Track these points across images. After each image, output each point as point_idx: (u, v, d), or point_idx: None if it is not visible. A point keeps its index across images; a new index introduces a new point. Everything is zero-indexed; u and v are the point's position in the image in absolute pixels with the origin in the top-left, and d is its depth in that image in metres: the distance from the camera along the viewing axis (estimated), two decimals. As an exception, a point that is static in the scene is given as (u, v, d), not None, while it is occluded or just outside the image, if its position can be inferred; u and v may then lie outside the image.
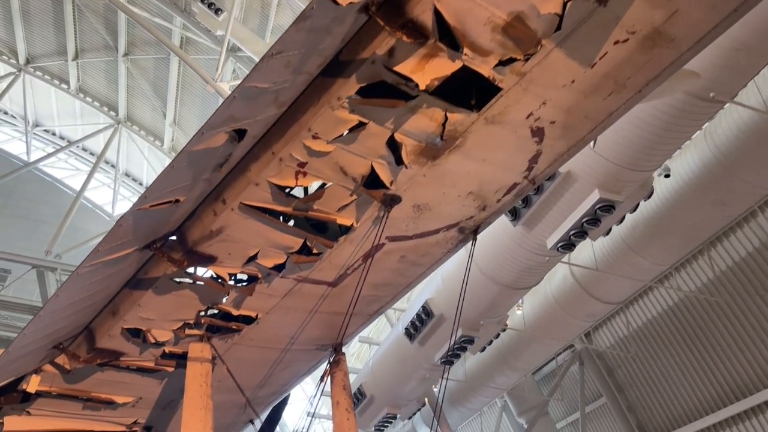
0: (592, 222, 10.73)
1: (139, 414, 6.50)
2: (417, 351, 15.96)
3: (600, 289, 14.28)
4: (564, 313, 15.10)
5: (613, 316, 18.40)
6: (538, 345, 16.34)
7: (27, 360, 4.95)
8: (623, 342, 18.26)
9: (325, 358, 6.41)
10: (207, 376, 5.10)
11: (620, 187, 10.44)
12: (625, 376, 18.95)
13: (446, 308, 14.39)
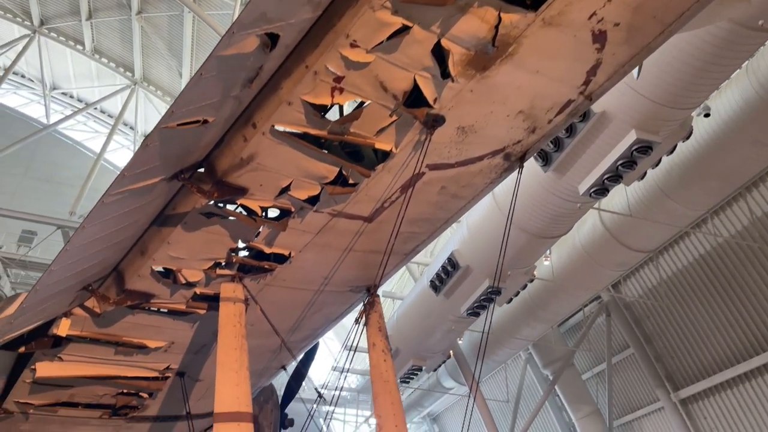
0: (627, 165, 10.31)
1: (172, 359, 6.43)
2: (442, 303, 15.84)
3: (631, 236, 13.91)
4: (593, 262, 14.79)
5: (642, 266, 18.05)
6: (565, 296, 16.10)
7: (56, 302, 4.82)
8: (652, 291, 17.95)
9: (358, 301, 6.23)
10: (240, 317, 4.93)
11: (658, 127, 9.95)
12: (653, 325, 18.70)
13: (472, 259, 14.16)
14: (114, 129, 31.70)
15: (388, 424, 5.19)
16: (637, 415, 20.03)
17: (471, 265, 14.28)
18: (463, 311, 15.63)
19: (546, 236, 12.87)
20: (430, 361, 19.52)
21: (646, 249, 14.45)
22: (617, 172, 10.55)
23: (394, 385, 5.47)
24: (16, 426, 7.47)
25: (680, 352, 18.01)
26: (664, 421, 19.02)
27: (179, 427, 8.80)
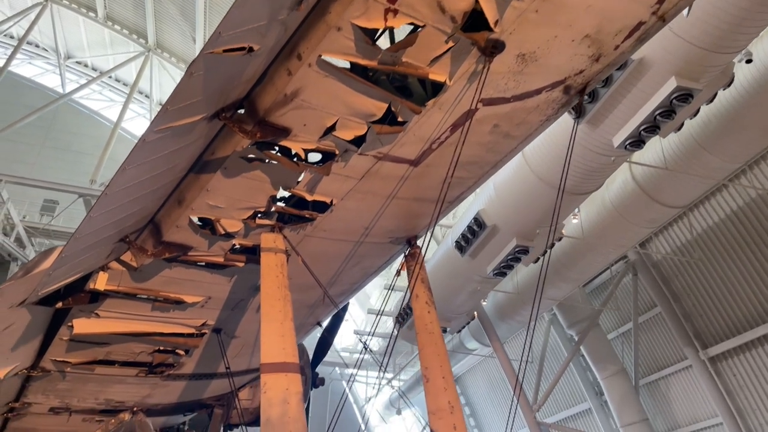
0: (666, 114, 9.89)
1: (209, 315, 6.34)
2: (468, 264, 15.65)
3: (664, 192, 13.53)
4: (623, 219, 14.46)
5: (672, 223, 17.66)
6: (593, 255, 15.82)
7: (94, 254, 4.69)
8: (682, 249, 17.60)
9: (397, 254, 6.06)
10: (282, 267, 4.77)
11: (699, 74, 9.49)
12: (681, 284, 18.40)
13: (499, 218, 13.91)
14: (130, 97, 31.48)
15: (435, 375, 5.06)
16: (663, 374, 19.91)
17: (498, 225, 14.03)
18: (489, 272, 15.45)
19: (577, 192, 12.55)
20: (454, 323, 19.50)
21: (678, 204, 14.06)
22: (655, 122, 10.14)
23: (440, 336, 5.33)
24: (53, 385, 7.50)
25: (710, 309, 17.74)
26: (691, 380, 18.89)
27: (213, 384, 8.82)
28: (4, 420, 8.60)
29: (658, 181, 13.39)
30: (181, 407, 9.42)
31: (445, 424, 4.83)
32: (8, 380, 6.97)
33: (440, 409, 4.91)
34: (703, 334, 18.07)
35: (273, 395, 4.25)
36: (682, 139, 12.38)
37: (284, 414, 4.19)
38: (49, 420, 8.79)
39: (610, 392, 20.08)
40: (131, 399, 8.43)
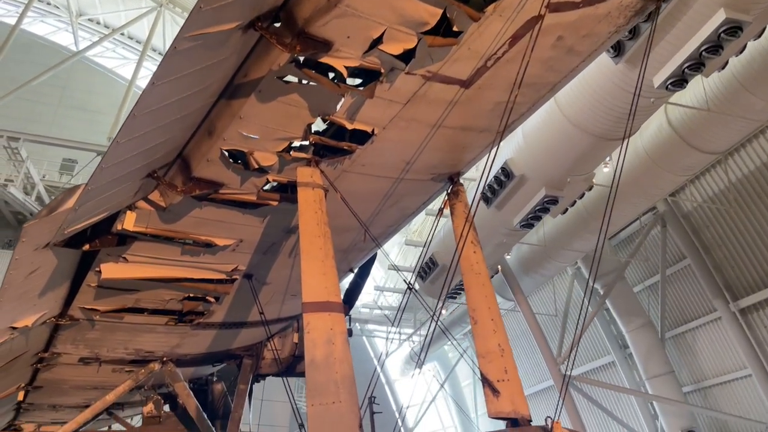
0: (712, 50, 9.28)
1: (240, 260, 6.08)
2: (494, 215, 15.26)
3: (701, 137, 12.95)
4: (656, 167, 13.94)
5: (704, 172, 17.05)
6: (624, 204, 15.34)
7: (121, 190, 4.40)
8: (714, 198, 17.04)
9: (437, 193, 5.72)
10: (321, 203, 4.46)
11: (749, 5, 8.85)
12: (713, 234, 17.90)
13: (528, 167, 13.45)
14: (143, 54, 30.94)
15: (483, 317, 4.78)
16: (691, 326, 19.62)
17: (526, 174, 13.59)
18: (516, 223, 15.09)
19: (612, 138, 12.01)
20: (478, 277, 19.25)
21: (716, 150, 13.50)
22: (700, 59, 9.54)
23: (486, 276, 5.03)
24: (82, 334, 7.37)
25: (741, 261, 17.27)
26: (720, 332, 18.59)
27: (243, 334, 8.67)
28: (34, 371, 8.56)
29: (696, 126, 12.81)
30: (210, 357, 9.33)
31: (496, 367, 4.57)
32: (37, 330, 6.83)
33: (490, 352, 4.65)
34: (733, 286, 17.66)
35: (317, 336, 4.00)
36: (723, 80, 11.74)
37: (329, 355, 3.95)
38: (79, 371, 8.74)
39: (636, 345, 19.88)
40: (161, 349, 8.32)
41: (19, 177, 23.79)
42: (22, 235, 4.56)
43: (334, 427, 3.78)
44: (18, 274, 5.04)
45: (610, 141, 12.24)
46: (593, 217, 16.09)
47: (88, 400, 10.42)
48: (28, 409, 11.11)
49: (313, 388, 3.86)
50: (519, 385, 4.53)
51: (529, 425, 4.40)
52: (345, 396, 3.86)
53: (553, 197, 13.74)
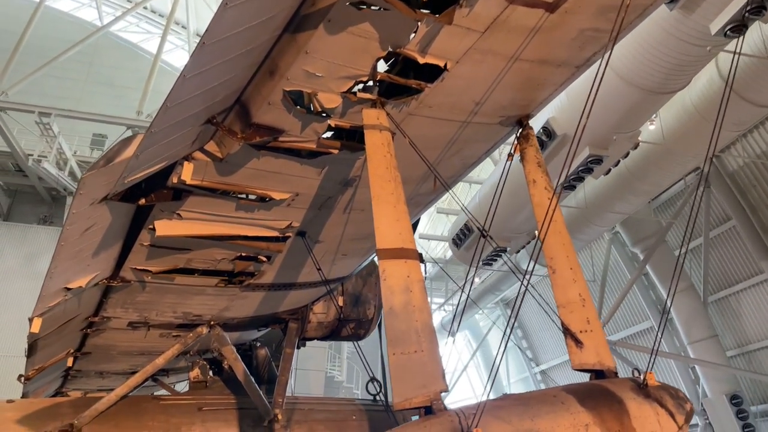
0: (778, -10, 8.70)
1: (294, 216, 5.88)
2: (534, 177, 14.87)
3: (755, 89, 12.34)
4: (706, 122, 13.37)
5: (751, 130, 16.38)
6: (669, 164, 14.85)
7: (180, 137, 4.20)
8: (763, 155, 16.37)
9: (502, 140, 5.42)
10: (389, 146, 4.20)
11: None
12: (760, 194, 17.28)
13: (572, 126, 12.93)
14: (167, 28, 30.74)
15: (561, 266, 4.53)
16: (734, 290, 19.13)
17: (569, 133, 13.14)
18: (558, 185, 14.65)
19: (662, 92, 11.51)
20: (514, 242, 18.95)
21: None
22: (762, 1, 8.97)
23: (563, 224, 4.75)
24: (132, 297, 7.30)
25: (792, 220, 16.69)
26: (766, 294, 18.07)
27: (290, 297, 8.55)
28: (83, 336, 8.56)
29: (750, 77, 12.19)
30: (256, 321, 9.25)
31: (578, 317, 4.32)
32: (88, 293, 6.77)
33: (570, 302, 4.40)
34: (782, 247, 17.12)
35: (394, 283, 3.79)
36: (783, 26, 11.10)
37: (408, 303, 3.74)
38: (127, 335, 8.73)
39: (677, 310, 19.48)
40: (209, 312, 8.23)
41: (51, 153, 24.02)
42: (80, 187, 4.40)
43: (417, 377, 3.59)
44: (74, 229, 4.91)
45: (660, 95, 11.74)
46: (637, 178, 15.62)
47: (134, 366, 10.48)
48: (76, 376, 11.24)
49: (393, 337, 3.67)
50: (602, 336, 4.28)
51: (615, 377, 4.16)
52: (427, 345, 3.66)
53: (597, 157, 13.31)
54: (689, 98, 13.35)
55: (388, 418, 8.36)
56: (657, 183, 15.71)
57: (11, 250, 24.11)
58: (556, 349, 29.48)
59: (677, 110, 13.67)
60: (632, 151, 14.09)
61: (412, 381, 3.60)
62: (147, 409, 8.60)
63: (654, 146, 14.48)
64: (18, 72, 24.45)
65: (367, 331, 10.32)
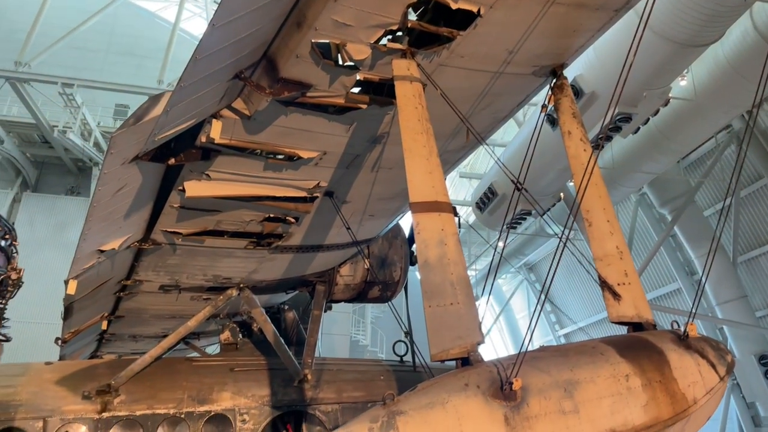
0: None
1: (322, 175, 5.84)
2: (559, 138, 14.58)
3: (793, 40, 11.83)
4: (739, 76, 12.92)
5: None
6: (701, 120, 14.42)
7: (209, 93, 4.15)
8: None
9: (534, 92, 5.27)
10: (420, 97, 4.10)
11: None
12: (795, 152, 16.78)
13: (599, 83, 12.64)
14: (185, -6, 30.45)
15: (598, 219, 4.43)
16: (765, 250, 18.76)
17: (597, 91, 12.80)
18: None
19: (694, 44, 11.10)
20: (539, 205, 18.73)
21: (810, 54, 12.31)
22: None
23: (599, 176, 4.65)
24: (163, 260, 7.38)
25: (827, 178, 16.20)
26: (798, 254, 17.71)
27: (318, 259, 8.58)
28: (116, 300, 8.72)
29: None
30: (284, 284, 9.32)
31: (615, 270, 4.24)
32: (120, 256, 6.87)
33: (608, 255, 4.32)
34: (817, 205, 16.67)
35: (428, 236, 3.74)
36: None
37: (443, 256, 3.69)
38: (159, 299, 8.87)
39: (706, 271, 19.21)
40: (238, 275, 8.31)
41: (76, 123, 24.23)
42: (110, 147, 4.40)
43: (454, 329, 3.58)
44: (106, 190, 4.93)
45: (693, 48, 11.32)
46: (666, 136, 15.24)
47: (166, 329, 10.68)
48: (110, 340, 11.51)
49: (428, 290, 3.64)
50: (641, 289, 4.20)
51: (654, 329, 4.10)
52: (462, 297, 3.63)
53: (626, 114, 12.99)
54: (722, 52, 12.88)
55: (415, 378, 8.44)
56: (687, 141, 15.31)
57: (42, 220, 24.63)
58: (580, 312, 29.41)
59: (709, 65, 13.21)
60: (662, 108, 13.72)
61: (449, 333, 3.58)
62: (180, 370, 8.80)
63: (685, 103, 14.07)
64: (39, 44, 24.55)
65: (394, 293, 10.35)
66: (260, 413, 8.58)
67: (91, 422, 7.74)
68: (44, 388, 8.01)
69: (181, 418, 8.11)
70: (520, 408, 3.29)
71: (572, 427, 3.32)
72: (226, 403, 8.46)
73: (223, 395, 8.50)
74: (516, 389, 3.29)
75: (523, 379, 3.34)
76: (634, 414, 3.53)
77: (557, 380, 3.44)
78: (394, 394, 3.31)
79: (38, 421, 7.57)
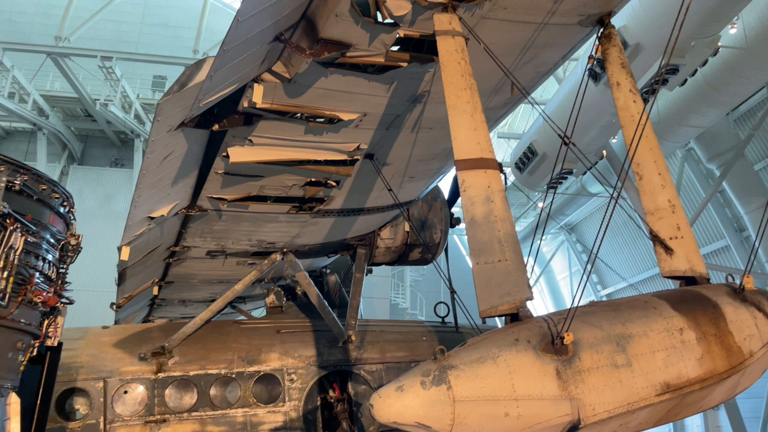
0: None
1: (362, 137, 5.83)
2: (602, 93, 14.12)
3: None
4: (796, 22, 12.19)
5: None
6: (752, 70, 13.74)
7: (250, 56, 4.15)
8: None
9: (579, 44, 5.10)
10: (464, 52, 4.02)
11: None
12: None
13: (644, 34, 12.12)
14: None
15: (649, 171, 4.31)
16: (821, 205, 17.97)
17: (642, 43, 12.29)
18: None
19: (748, -13, 10.49)
20: (580, 164, 18.32)
21: None
22: None
23: (650, 127, 4.49)
24: (210, 226, 7.55)
25: None
26: None
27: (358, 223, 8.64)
28: (166, 266, 9.00)
29: None
30: (326, 248, 9.45)
31: (667, 224, 4.14)
32: (169, 222, 7.05)
33: (659, 209, 4.21)
34: None
35: (474, 193, 3.71)
36: None
37: (490, 213, 3.66)
38: (206, 264, 9.11)
39: (756, 226, 18.58)
40: (281, 240, 8.45)
41: (116, 96, 24.69)
42: (157, 114, 4.48)
43: (503, 286, 3.57)
44: (154, 157, 5.04)
45: (747, -9, 10.72)
46: (714, 88, 14.60)
47: (214, 294, 11.01)
48: (161, 305, 11.94)
49: (476, 247, 3.63)
50: (694, 242, 4.10)
51: (708, 283, 4.01)
52: (510, 254, 3.61)
53: (673, 66, 12.46)
54: (777, -5, 12.16)
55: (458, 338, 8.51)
56: (737, 92, 14.63)
57: (89, 191, 25.41)
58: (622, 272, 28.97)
59: (761, 11, 12.50)
60: (711, 58, 13.12)
61: (498, 289, 3.58)
62: (230, 332, 9.10)
63: (735, 52, 13.40)
64: (77, 19, 24.92)
65: (434, 255, 10.36)
66: (307, 373, 8.83)
67: (148, 382, 8.10)
68: (103, 351, 8.40)
69: (232, 377, 8.43)
70: (571, 362, 3.29)
71: (625, 381, 3.31)
72: (274, 364, 8.74)
73: (271, 356, 8.78)
74: (567, 343, 3.28)
75: (575, 333, 3.32)
76: (689, 367, 3.48)
77: (609, 334, 3.41)
78: (445, 350, 3.35)
79: (99, 381, 7.97)
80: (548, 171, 18.25)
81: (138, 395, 8.04)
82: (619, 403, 3.31)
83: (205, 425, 8.12)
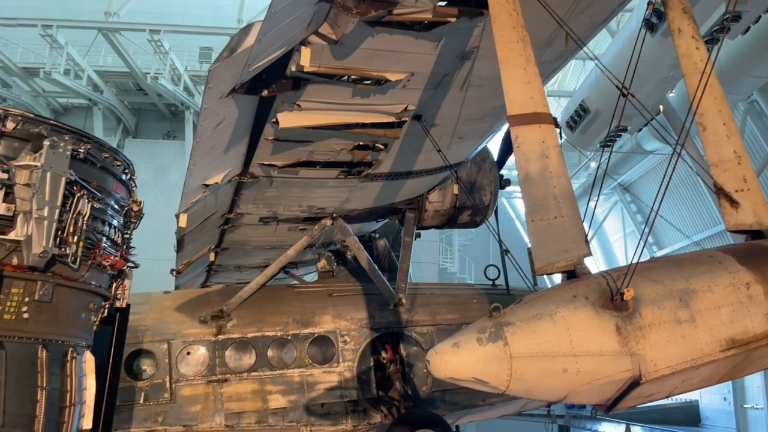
0: None
1: (410, 98, 5.76)
2: (660, 45, 13.43)
3: None
4: None
5: None
6: (825, 12, 12.77)
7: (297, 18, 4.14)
8: None
9: None
10: (515, 2, 3.90)
11: None
12: None
13: (701, -21, 11.41)
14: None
15: (713, 122, 4.11)
16: None
17: (698, -11, 11.56)
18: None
19: None
20: (636, 119, 17.61)
21: None
22: None
23: (714, 76, 4.26)
24: (261, 192, 7.70)
25: None
26: None
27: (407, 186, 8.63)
28: (221, 233, 9.26)
29: None
30: (374, 212, 9.50)
31: (733, 176, 3.96)
32: (222, 190, 7.22)
33: (724, 160, 4.03)
34: None
35: (528, 149, 3.63)
36: None
37: (545, 169, 3.58)
38: (259, 230, 9.33)
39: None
40: (331, 205, 8.55)
41: (165, 69, 25.15)
42: (208, 81, 4.54)
43: (559, 242, 3.51)
44: (207, 125, 5.14)
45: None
46: (782, 35, 13.67)
47: (267, 260, 11.28)
48: (217, 271, 12.34)
49: (531, 204, 3.57)
50: (761, 195, 3.91)
51: (777, 237, 3.84)
52: (567, 210, 3.54)
53: (735, 13, 11.72)
54: None
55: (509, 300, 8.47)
56: (806, 38, 13.68)
57: (144, 164, 26.19)
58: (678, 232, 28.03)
59: (839, -55, 11.55)
60: (779, 1, 12.25)
61: (554, 246, 3.52)
62: (284, 296, 9.35)
63: (806, -7, 12.46)
64: (124, -8, 25.34)
65: (484, 218, 10.28)
66: (360, 335, 9.02)
67: (209, 344, 8.46)
68: (165, 315, 8.80)
69: (288, 339, 8.69)
70: (632, 318, 3.23)
71: (688, 337, 3.24)
72: (328, 326, 8.96)
73: (324, 318, 9.00)
74: (627, 299, 3.22)
75: (635, 289, 3.25)
76: (756, 322, 3.37)
77: (671, 290, 3.32)
78: (500, 307, 3.34)
79: (163, 343, 8.38)
80: (601, 129, 17.66)
81: (200, 356, 8.41)
82: (681, 359, 3.24)
83: (264, 384, 8.44)
